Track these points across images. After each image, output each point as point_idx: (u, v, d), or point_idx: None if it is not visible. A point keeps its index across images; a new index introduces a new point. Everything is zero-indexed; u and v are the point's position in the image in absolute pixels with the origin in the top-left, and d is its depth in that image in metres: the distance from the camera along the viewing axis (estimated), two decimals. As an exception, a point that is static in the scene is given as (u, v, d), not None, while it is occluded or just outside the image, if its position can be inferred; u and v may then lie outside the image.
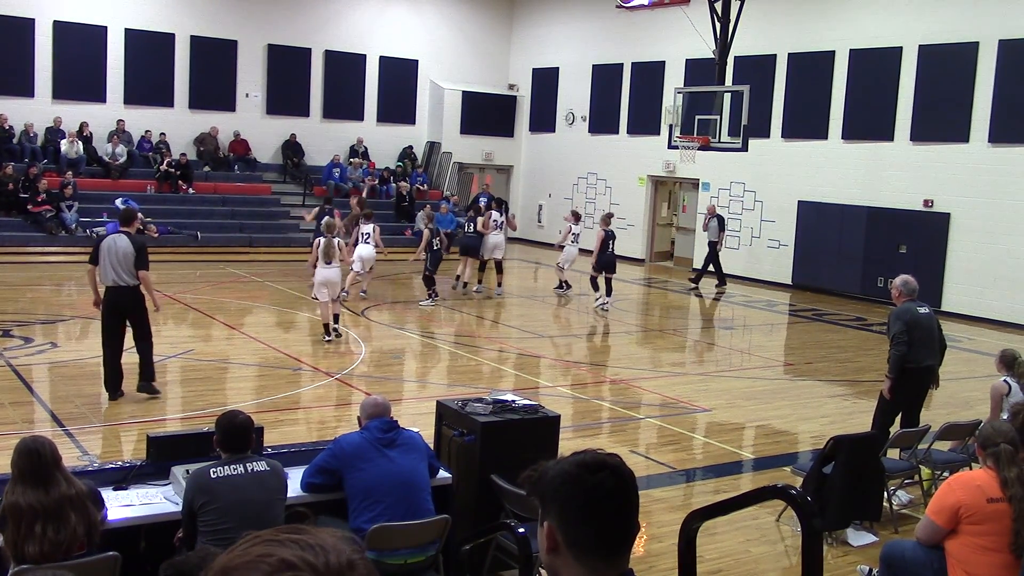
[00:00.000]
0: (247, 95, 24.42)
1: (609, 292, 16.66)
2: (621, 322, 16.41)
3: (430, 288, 15.99)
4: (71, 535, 4.34)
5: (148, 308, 9.48)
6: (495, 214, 17.71)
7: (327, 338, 12.64)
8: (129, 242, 9.20)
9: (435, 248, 15.97)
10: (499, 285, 17.70)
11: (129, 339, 9.50)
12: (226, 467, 4.77)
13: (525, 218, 26.33)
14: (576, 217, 17.97)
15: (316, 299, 13.01)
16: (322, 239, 12.64)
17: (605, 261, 16.55)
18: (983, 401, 8.58)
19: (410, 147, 26.53)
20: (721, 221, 20.15)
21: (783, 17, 20.80)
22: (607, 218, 17.31)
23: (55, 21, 21.89)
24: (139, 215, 9.90)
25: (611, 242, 16.62)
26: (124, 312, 9.33)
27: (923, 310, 8.29)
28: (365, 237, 15.62)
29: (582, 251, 18.01)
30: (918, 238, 18.43)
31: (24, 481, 4.37)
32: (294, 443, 6.67)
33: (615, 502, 1.90)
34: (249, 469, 4.79)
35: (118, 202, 20.82)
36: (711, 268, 20.03)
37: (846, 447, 6.78)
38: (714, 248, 19.93)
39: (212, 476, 4.72)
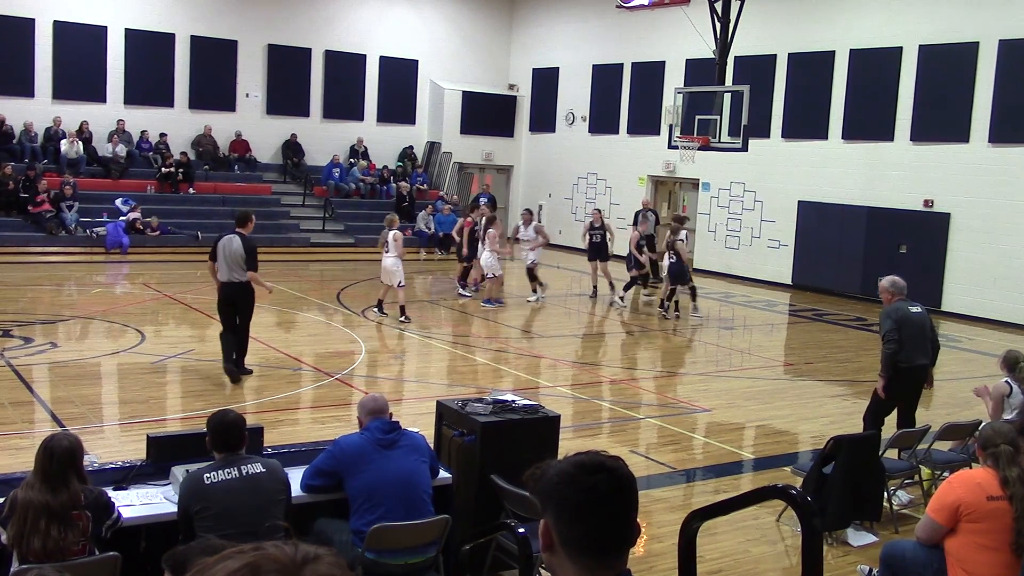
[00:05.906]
0: (247, 95, 24.42)
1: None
2: (622, 322, 16.41)
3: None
4: (71, 540, 4.35)
5: (259, 294, 10.57)
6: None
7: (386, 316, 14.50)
8: (241, 243, 10.17)
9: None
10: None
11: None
12: (220, 471, 4.66)
13: (525, 218, 26.31)
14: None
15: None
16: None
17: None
18: (983, 401, 8.57)
19: (410, 147, 26.53)
20: (656, 216, 20.86)
21: (783, 17, 20.79)
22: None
23: (55, 21, 21.89)
24: (253, 217, 10.78)
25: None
26: (234, 302, 10.35)
27: (915, 309, 8.30)
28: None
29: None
30: (918, 238, 18.42)
31: (38, 476, 4.40)
32: (294, 443, 6.66)
33: (609, 504, 1.89)
34: (244, 472, 4.69)
35: (118, 202, 20.90)
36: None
37: (846, 447, 6.79)
38: (651, 242, 20.21)
39: (206, 481, 4.63)
